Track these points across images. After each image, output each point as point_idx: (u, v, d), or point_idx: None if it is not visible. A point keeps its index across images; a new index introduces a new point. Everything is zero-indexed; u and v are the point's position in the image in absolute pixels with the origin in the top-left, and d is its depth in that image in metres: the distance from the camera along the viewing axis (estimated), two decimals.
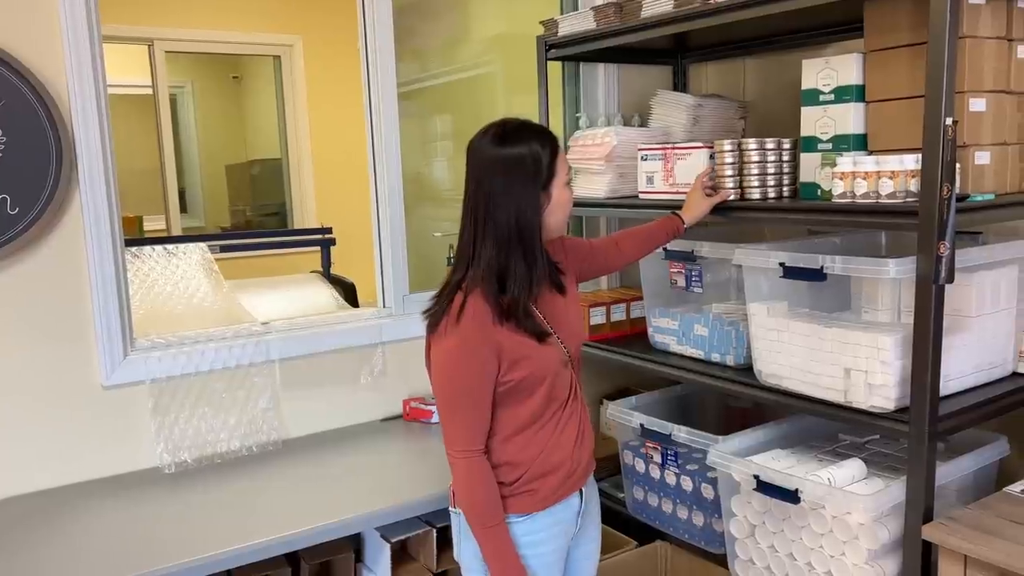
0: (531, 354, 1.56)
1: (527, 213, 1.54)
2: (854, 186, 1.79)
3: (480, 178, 1.55)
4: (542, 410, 1.60)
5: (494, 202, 1.53)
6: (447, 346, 1.53)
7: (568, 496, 1.66)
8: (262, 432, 2.20)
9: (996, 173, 1.83)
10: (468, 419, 1.55)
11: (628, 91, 2.85)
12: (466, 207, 1.58)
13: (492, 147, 1.54)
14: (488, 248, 1.53)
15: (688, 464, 2.19)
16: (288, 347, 2.27)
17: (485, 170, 1.54)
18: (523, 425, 1.59)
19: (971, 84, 1.76)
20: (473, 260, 1.54)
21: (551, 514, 1.64)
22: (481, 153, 1.55)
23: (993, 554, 1.52)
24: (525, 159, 1.53)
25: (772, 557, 1.90)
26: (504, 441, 1.59)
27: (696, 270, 2.23)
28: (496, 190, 1.53)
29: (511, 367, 1.54)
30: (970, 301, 1.83)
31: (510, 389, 1.56)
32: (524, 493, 1.61)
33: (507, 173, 1.53)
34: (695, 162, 2.15)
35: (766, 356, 1.96)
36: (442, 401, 1.57)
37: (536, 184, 1.55)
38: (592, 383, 2.88)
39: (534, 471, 1.60)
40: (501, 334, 1.53)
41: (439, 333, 1.54)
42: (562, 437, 1.64)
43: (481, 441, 1.57)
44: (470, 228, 1.56)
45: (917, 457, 1.66)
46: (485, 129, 1.58)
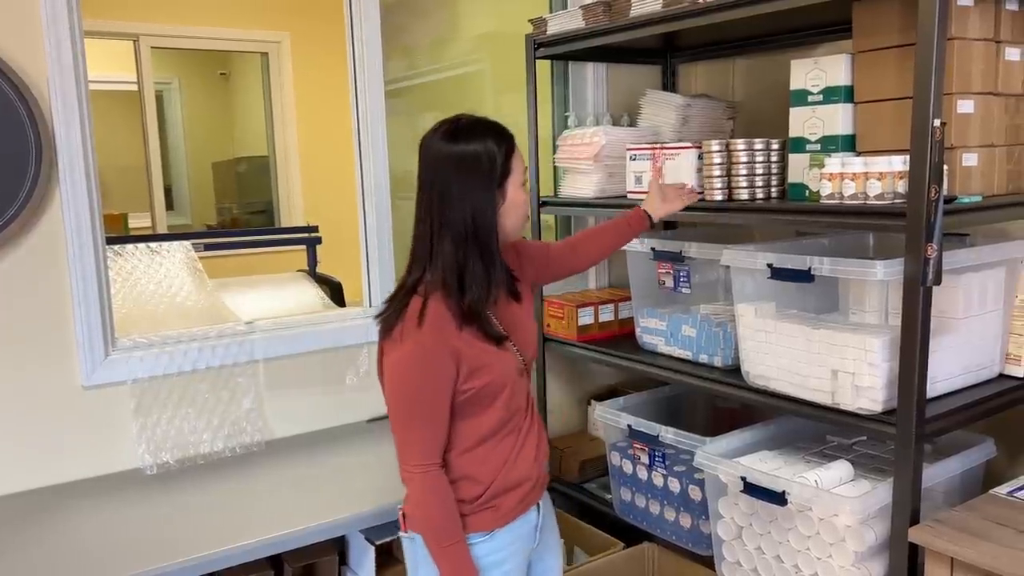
0: (491, 362, 1.50)
1: (483, 212, 1.48)
2: (842, 187, 1.79)
3: (433, 176, 1.48)
4: (502, 421, 1.54)
5: (448, 201, 1.47)
6: (403, 353, 1.45)
7: (527, 511, 1.62)
8: (246, 433, 2.17)
9: (983, 175, 1.83)
10: (426, 431, 1.47)
11: (617, 91, 2.84)
12: (419, 206, 1.51)
13: (444, 144, 1.48)
14: (446, 247, 1.47)
15: (676, 465, 2.18)
16: (272, 347, 2.25)
17: (438, 168, 1.48)
18: (483, 437, 1.53)
19: (959, 86, 1.75)
20: (431, 261, 1.48)
21: (511, 531, 1.58)
22: (433, 150, 1.49)
23: (979, 557, 1.52)
24: (479, 156, 1.47)
25: (759, 559, 1.90)
26: (463, 454, 1.52)
27: (684, 271, 2.22)
28: (450, 188, 1.47)
29: (470, 375, 1.48)
30: (957, 303, 1.83)
31: (469, 398, 1.49)
32: (486, 510, 1.54)
33: (460, 171, 1.47)
34: (683, 162, 2.14)
35: (754, 357, 1.95)
36: (397, 413, 1.49)
37: (490, 183, 1.49)
38: (580, 383, 2.87)
39: (497, 486, 1.54)
40: (460, 339, 1.47)
41: (394, 339, 1.47)
42: (523, 450, 1.59)
43: (439, 454, 1.49)
44: (425, 227, 1.49)
45: (904, 459, 1.65)
46: (437, 125, 1.52)
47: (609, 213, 2.42)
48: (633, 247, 2.32)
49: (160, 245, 2.39)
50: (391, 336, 1.49)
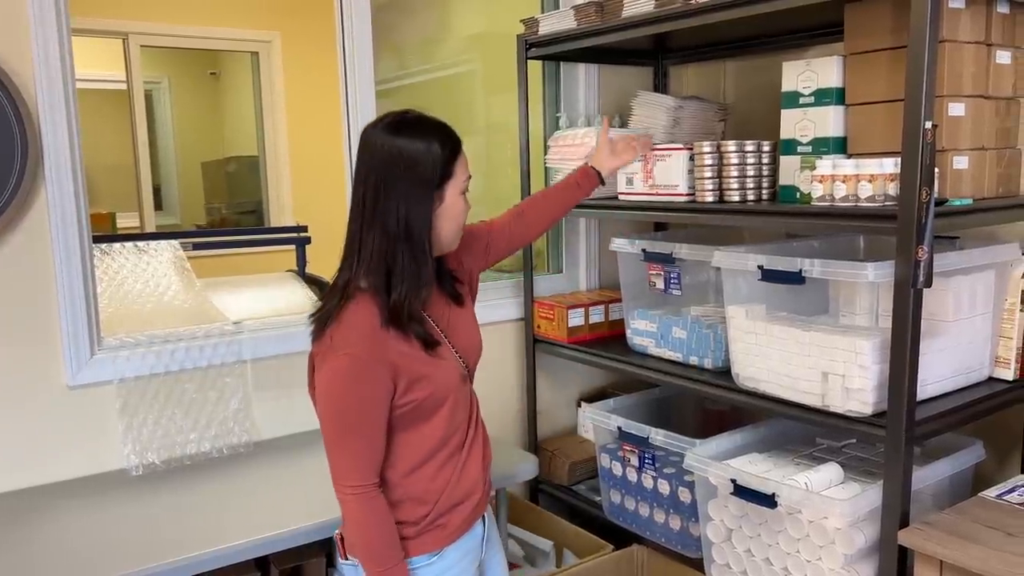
0: (430, 372, 1.43)
1: (417, 212, 1.40)
2: (833, 189, 1.79)
3: (368, 168, 1.40)
4: (446, 434, 1.48)
5: (382, 195, 1.39)
6: (336, 367, 1.37)
7: (473, 525, 1.56)
8: (233, 434, 2.15)
9: (974, 178, 1.84)
10: (361, 449, 1.40)
11: (608, 92, 2.84)
12: (354, 198, 1.43)
13: (385, 136, 1.40)
14: (375, 241, 1.39)
15: (665, 467, 2.17)
16: (260, 347, 2.23)
17: (375, 160, 1.40)
18: (427, 453, 1.46)
19: (950, 88, 1.76)
20: (360, 254, 1.40)
21: (459, 547, 1.52)
22: (373, 141, 1.41)
23: (969, 560, 1.51)
24: (420, 153, 1.39)
25: (749, 561, 1.89)
26: (406, 473, 1.45)
27: (675, 272, 2.22)
28: (385, 183, 1.39)
29: (409, 387, 1.41)
30: (947, 306, 1.83)
31: (408, 412, 1.42)
32: (433, 529, 1.48)
33: (398, 166, 1.38)
34: (674, 163, 2.13)
35: (744, 359, 1.95)
36: (330, 430, 1.40)
37: (429, 183, 1.41)
38: (569, 385, 2.86)
39: (443, 504, 1.48)
40: (395, 351, 1.39)
41: (324, 350, 1.40)
42: (469, 462, 1.53)
43: (375, 474, 1.42)
44: (357, 220, 1.42)
45: (894, 462, 1.65)
46: (381, 117, 1.46)
47: (600, 214, 2.42)
48: (624, 248, 2.32)
49: (148, 244, 2.37)
50: (321, 344, 1.41)
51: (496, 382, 2.68)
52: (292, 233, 2.92)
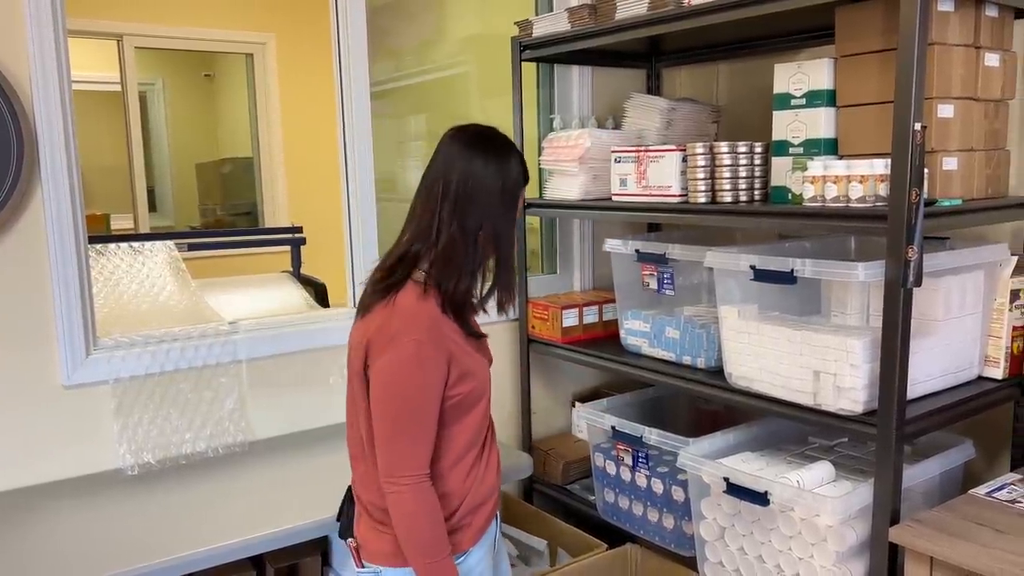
0: (475, 367, 1.50)
1: (506, 226, 1.51)
2: (824, 190, 1.80)
3: (464, 174, 1.46)
4: (480, 431, 1.53)
5: (474, 203, 1.46)
6: (401, 353, 1.39)
7: (491, 524, 1.60)
8: (228, 433, 2.16)
9: (963, 179, 1.86)
10: (420, 437, 1.41)
11: (602, 94, 2.86)
12: (432, 189, 1.48)
13: (478, 148, 1.49)
14: (457, 236, 1.45)
15: (659, 466, 2.18)
16: (256, 347, 2.24)
17: (470, 168, 1.46)
18: (465, 448, 1.50)
19: (939, 90, 1.78)
20: (436, 241, 1.46)
21: (481, 547, 1.55)
22: (464, 149, 1.48)
23: (958, 556, 1.53)
24: (512, 173, 1.51)
25: (741, 559, 1.90)
26: (449, 469, 1.48)
27: (668, 273, 2.23)
28: (478, 194, 1.46)
29: (459, 379, 1.45)
30: (937, 305, 1.84)
31: (454, 404, 1.46)
32: (461, 528, 1.50)
33: (496, 182, 1.47)
34: (668, 165, 2.15)
35: (736, 359, 1.96)
36: (392, 417, 1.41)
37: (515, 200, 1.53)
38: (564, 385, 2.87)
39: (471, 502, 1.51)
40: (449, 337, 1.45)
41: (384, 335, 1.42)
42: (491, 461, 1.58)
43: (428, 464, 1.43)
44: (433, 208, 1.47)
45: (884, 460, 1.67)
46: (473, 131, 1.52)
47: (594, 215, 2.43)
48: (617, 249, 2.33)
49: (143, 245, 2.37)
50: (385, 325, 1.42)
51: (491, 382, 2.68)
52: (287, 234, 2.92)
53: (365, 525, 1.54)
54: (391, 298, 1.45)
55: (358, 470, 1.56)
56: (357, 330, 1.50)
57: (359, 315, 1.52)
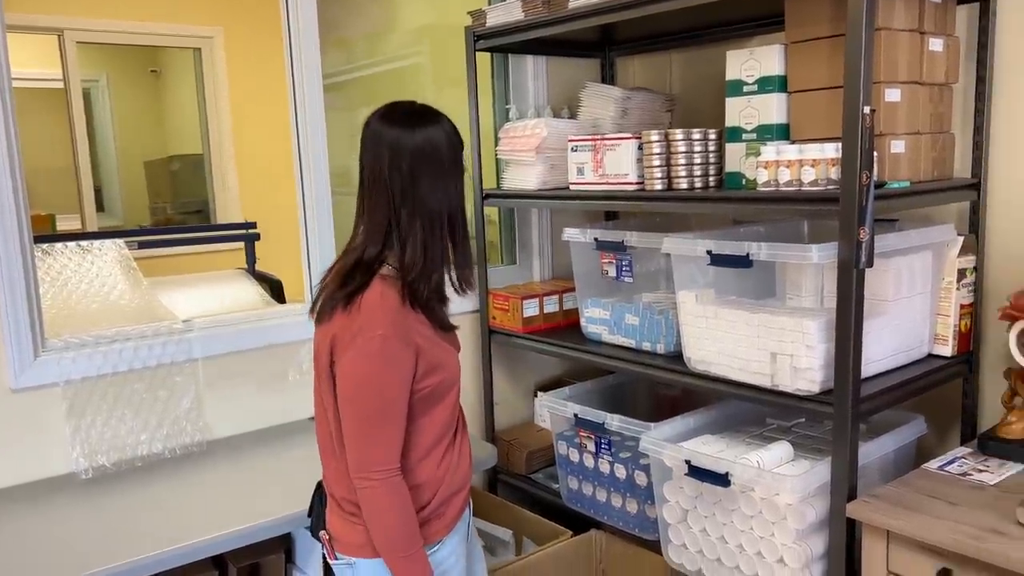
0: (445, 358, 1.49)
1: (454, 195, 1.48)
2: (778, 174, 1.83)
3: (396, 158, 1.42)
4: (450, 421, 1.52)
5: (419, 182, 1.42)
6: (367, 348, 1.38)
7: (465, 513, 1.61)
8: (185, 433, 2.12)
9: (911, 161, 1.90)
10: (390, 432, 1.40)
11: (557, 83, 2.86)
12: (377, 186, 1.44)
13: (405, 126, 1.44)
14: (416, 224, 1.43)
15: (621, 452, 2.20)
16: (211, 345, 2.19)
17: (401, 149, 1.42)
18: (436, 439, 1.50)
19: (886, 75, 1.81)
20: (398, 237, 1.43)
21: (455, 536, 1.55)
22: (390, 132, 1.44)
23: (913, 529, 1.57)
24: (444, 141, 1.47)
25: (704, 541, 1.93)
26: (420, 460, 1.48)
27: (626, 260, 2.25)
28: (420, 171, 1.43)
29: (428, 372, 1.44)
30: (888, 285, 1.89)
31: (424, 396, 1.45)
32: (435, 518, 1.50)
33: (429, 154, 1.44)
34: (624, 153, 2.16)
35: (695, 343, 1.99)
36: (360, 413, 1.39)
37: (458, 167, 1.50)
38: (526, 375, 2.88)
39: (445, 492, 1.51)
40: (415, 330, 1.43)
41: (349, 330, 1.40)
42: (464, 450, 1.58)
43: (399, 458, 1.43)
44: (385, 204, 1.43)
45: (841, 438, 1.70)
46: (387, 109, 1.48)
47: (553, 205, 2.43)
48: (576, 237, 2.34)
49: (91, 244, 2.31)
50: (346, 324, 1.41)
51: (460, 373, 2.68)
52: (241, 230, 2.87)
53: (337, 517, 1.53)
54: (354, 298, 1.43)
55: (329, 466, 1.54)
56: (320, 331, 1.49)
57: (318, 323, 1.49)
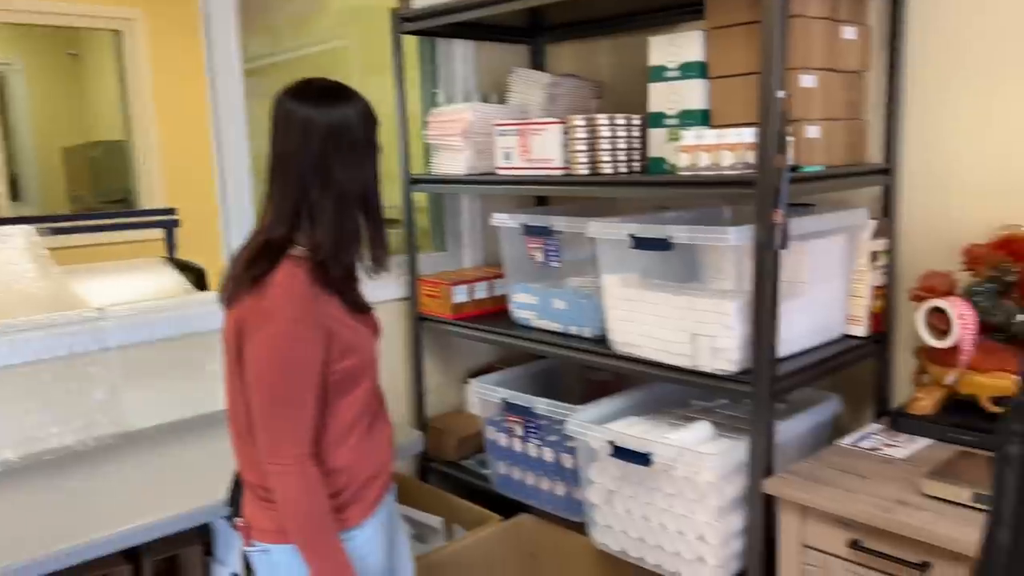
0: (360, 341, 1.47)
1: (369, 175, 1.47)
2: (697, 159, 1.86)
3: (307, 137, 1.39)
4: (368, 404, 1.51)
5: (332, 162, 1.40)
6: (274, 331, 1.36)
7: (386, 498, 1.59)
8: (99, 425, 2.04)
9: (826, 146, 1.95)
10: (301, 417, 1.38)
11: (486, 69, 2.84)
12: (286, 166, 1.41)
13: (316, 104, 1.41)
14: (329, 205, 1.40)
15: (549, 436, 2.21)
16: (127, 334, 2.12)
17: (314, 128, 1.39)
18: (352, 423, 1.48)
19: (801, 61, 1.86)
20: (311, 218, 1.40)
21: (375, 520, 1.54)
22: (301, 110, 1.40)
23: (825, 502, 1.62)
24: (357, 118, 1.44)
25: (628, 520, 1.95)
26: (335, 445, 1.46)
27: (554, 245, 2.25)
28: (332, 151, 1.40)
29: (341, 354, 1.42)
30: (804, 268, 1.94)
31: (338, 380, 1.44)
32: (354, 503, 1.49)
33: (342, 134, 1.41)
34: (549, 138, 2.16)
35: (620, 326, 2.01)
36: (269, 397, 1.37)
37: (372, 146, 1.48)
38: (457, 362, 2.87)
39: (363, 476, 1.50)
40: (326, 313, 1.41)
41: (257, 314, 1.37)
42: (383, 432, 1.57)
43: (312, 443, 1.41)
44: (296, 184, 1.40)
45: (758, 415, 1.75)
46: (297, 87, 1.44)
47: (481, 190, 2.42)
48: (504, 223, 2.34)
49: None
50: (255, 307, 1.38)
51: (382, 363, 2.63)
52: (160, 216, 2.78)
53: (252, 504, 1.50)
54: (263, 279, 1.39)
55: (242, 452, 1.51)
56: (229, 315, 1.46)
57: (227, 307, 1.46)
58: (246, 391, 1.42)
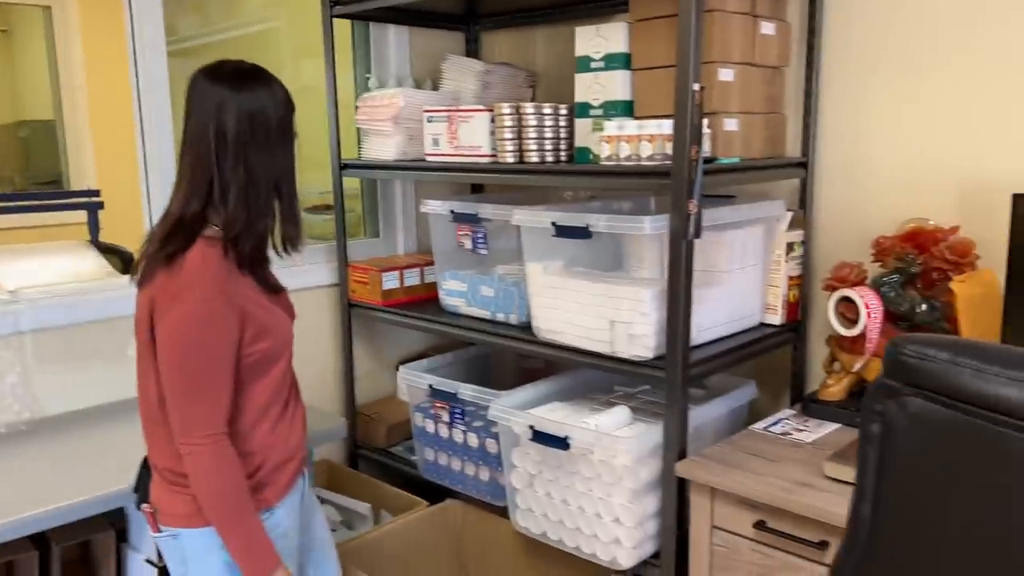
0: (274, 324, 1.48)
1: (285, 162, 1.47)
2: (618, 149, 1.89)
3: (224, 116, 1.39)
4: (281, 388, 1.52)
5: (246, 145, 1.40)
6: (186, 312, 1.36)
7: (298, 479, 1.60)
8: (11, 411, 2.00)
9: (744, 139, 2.00)
10: (214, 396, 1.39)
11: (420, 55, 2.84)
12: (199, 143, 1.41)
13: (233, 87, 1.41)
14: (239, 184, 1.41)
15: (475, 421, 2.23)
16: (42, 317, 2.07)
17: (231, 109, 1.40)
18: (266, 406, 1.49)
19: (720, 55, 1.90)
20: (222, 196, 1.40)
21: (286, 504, 1.55)
22: (219, 91, 1.41)
23: (732, 484, 1.67)
24: (276, 105, 1.45)
25: (548, 504, 1.99)
26: (249, 428, 1.47)
27: (481, 232, 2.27)
28: (245, 134, 1.40)
29: (255, 337, 1.43)
30: (722, 257, 1.99)
31: (251, 363, 1.44)
32: (266, 486, 1.50)
33: (261, 118, 1.42)
34: (477, 125, 2.17)
35: (543, 313, 2.03)
36: (182, 376, 1.37)
37: (289, 134, 1.49)
38: (388, 350, 2.87)
39: (275, 460, 1.51)
40: (241, 293, 1.42)
41: (168, 293, 1.38)
42: (297, 418, 1.59)
43: (226, 422, 1.41)
44: (207, 161, 1.40)
45: (672, 400, 1.79)
46: (217, 66, 1.45)
47: (412, 176, 2.41)
48: (434, 210, 2.34)
49: None
50: (166, 286, 1.38)
51: (312, 349, 2.64)
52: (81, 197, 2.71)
53: (160, 489, 1.49)
54: (174, 259, 1.39)
55: (153, 435, 1.50)
56: (141, 295, 1.45)
57: (140, 286, 1.45)
58: (159, 372, 1.41)
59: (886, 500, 0.90)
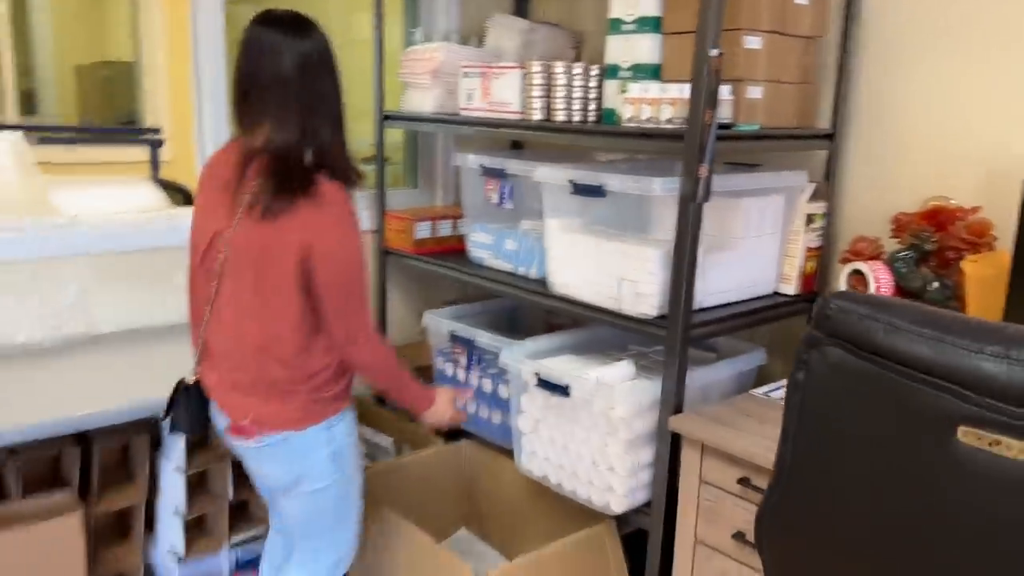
0: None
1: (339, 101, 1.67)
2: (640, 111, 1.93)
3: (288, 63, 1.57)
4: None
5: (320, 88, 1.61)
6: (351, 232, 1.60)
7: None
8: (68, 325, 2.18)
9: (769, 107, 2.01)
10: (369, 300, 1.67)
11: (470, 12, 2.90)
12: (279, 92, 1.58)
13: (295, 35, 1.60)
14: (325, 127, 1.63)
15: (490, 368, 2.34)
16: (100, 243, 2.25)
17: (294, 55, 1.57)
18: None
19: (748, 22, 1.91)
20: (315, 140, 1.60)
21: (351, 408, 1.80)
22: (277, 39, 1.58)
23: (718, 440, 1.73)
24: (328, 49, 1.64)
25: (551, 448, 2.08)
26: None
27: (507, 187, 2.34)
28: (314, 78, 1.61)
29: None
30: (738, 223, 2.02)
31: None
32: (343, 390, 1.74)
33: (320, 62, 1.61)
34: (508, 81, 2.24)
35: (558, 268, 2.11)
36: (358, 287, 1.62)
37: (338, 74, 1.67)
38: (420, 297, 2.98)
39: (346, 366, 1.73)
40: None
41: (330, 219, 1.57)
42: None
43: None
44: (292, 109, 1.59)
45: (671, 357, 1.85)
46: (269, 16, 1.62)
47: (447, 129, 2.50)
48: (466, 163, 2.42)
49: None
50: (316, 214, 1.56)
51: None
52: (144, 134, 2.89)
53: (265, 400, 1.65)
54: (311, 192, 1.57)
55: (272, 356, 1.63)
56: (268, 229, 1.57)
57: (260, 221, 1.58)
58: (300, 301, 1.60)
59: (802, 443, 0.96)
